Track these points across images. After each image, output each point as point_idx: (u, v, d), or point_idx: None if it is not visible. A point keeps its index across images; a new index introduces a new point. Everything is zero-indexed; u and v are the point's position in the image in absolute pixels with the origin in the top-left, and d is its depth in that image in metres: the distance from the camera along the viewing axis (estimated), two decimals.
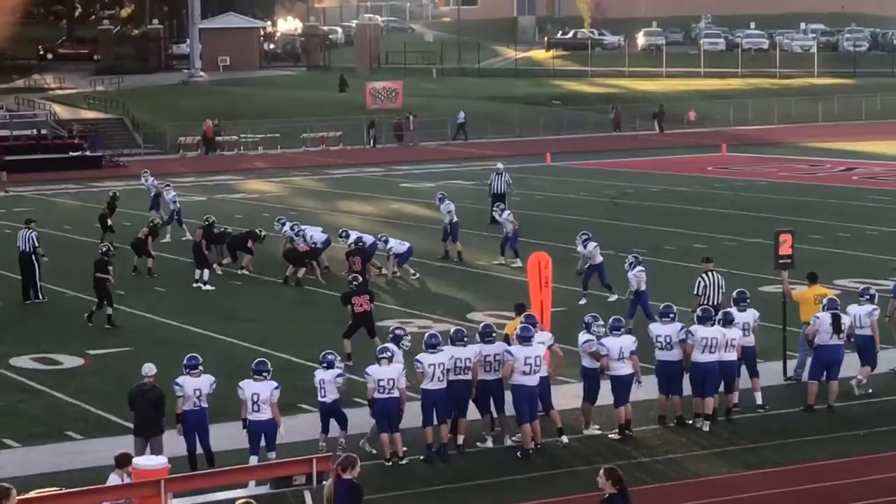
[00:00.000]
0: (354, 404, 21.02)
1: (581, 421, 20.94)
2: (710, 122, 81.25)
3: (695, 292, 24.82)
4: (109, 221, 40.20)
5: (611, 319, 21.00)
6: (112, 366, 25.46)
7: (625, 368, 20.62)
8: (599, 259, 30.58)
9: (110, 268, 29.65)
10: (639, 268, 27.37)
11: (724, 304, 23.58)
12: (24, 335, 28.73)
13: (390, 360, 19.60)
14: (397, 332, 20.79)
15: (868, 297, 22.89)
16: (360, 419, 20.18)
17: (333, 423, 19.88)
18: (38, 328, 29.50)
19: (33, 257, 32.41)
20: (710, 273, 25.06)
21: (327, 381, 19.57)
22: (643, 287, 27.25)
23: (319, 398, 19.68)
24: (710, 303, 23.96)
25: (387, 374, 19.48)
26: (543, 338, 20.58)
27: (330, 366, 19.73)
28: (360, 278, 27.13)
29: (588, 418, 20.95)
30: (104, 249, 30.41)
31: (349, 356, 24.40)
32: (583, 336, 20.86)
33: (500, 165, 44.40)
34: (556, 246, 36.44)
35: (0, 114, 72.35)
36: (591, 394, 20.91)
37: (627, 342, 20.72)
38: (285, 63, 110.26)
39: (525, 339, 19.97)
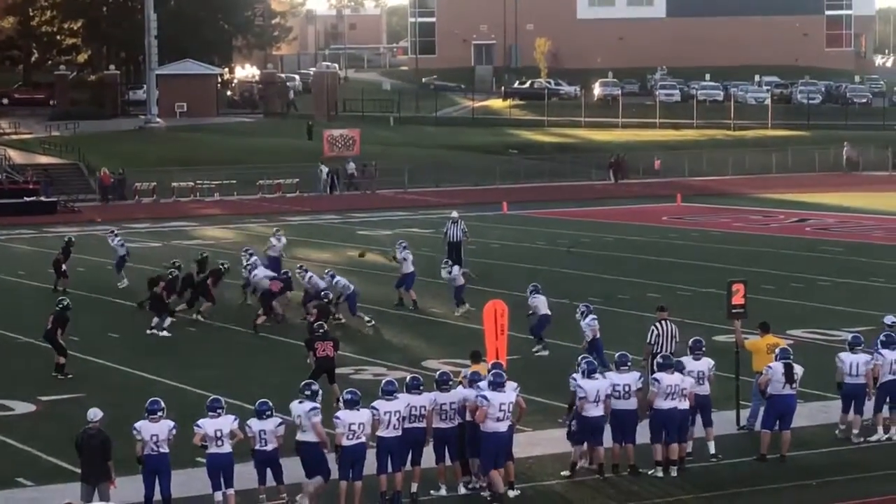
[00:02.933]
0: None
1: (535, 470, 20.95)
2: (666, 173, 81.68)
3: (647, 341, 24.86)
4: (64, 267, 40.02)
5: (584, 363, 21.06)
6: (64, 412, 25.26)
7: (597, 410, 20.73)
8: (544, 311, 30.59)
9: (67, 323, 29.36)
10: (591, 317, 27.30)
11: (679, 353, 23.65)
12: None
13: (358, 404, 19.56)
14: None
15: (861, 345, 23.04)
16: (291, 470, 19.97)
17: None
18: None
19: None
20: (663, 322, 25.11)
21: (268, 430, 19.43)
22: (597, 335, 27.30)
23: (258, 447, 19.50)
24: (664, 351, 23.99)
25: (357, 418, 19.44)
26: (510, 387, 20.53)
27: (268, 415, 19.53)
28: (325, 326, 27.07)
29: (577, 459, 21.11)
30: (65, 304, 29.85)
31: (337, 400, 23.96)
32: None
33: (455, 214, 44.44)
34: (512, 294, 36.49)
35: None
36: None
37: (604, 385, 20.82)
38: (242, 110, 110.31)
39: (498, 385, 19.98)
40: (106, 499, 18.14)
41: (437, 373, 20.91)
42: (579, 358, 21.42)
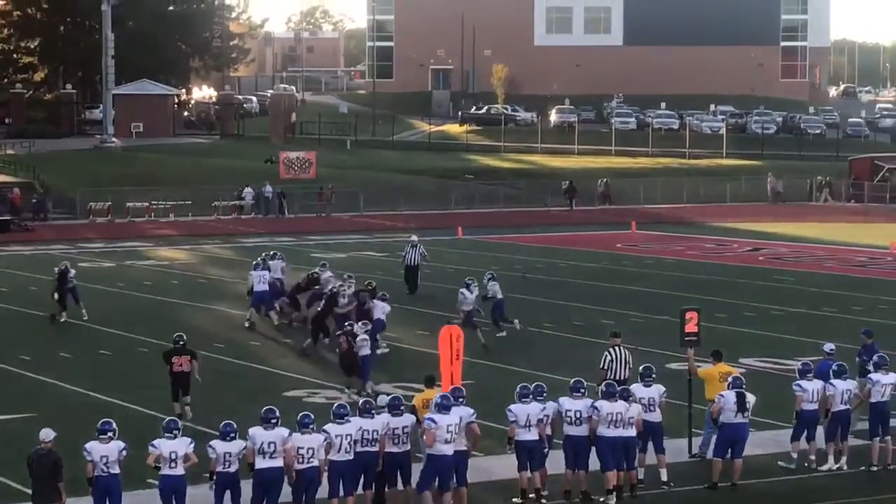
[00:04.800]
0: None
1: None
2: (620, 200, 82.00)
3: (601, 366, 24.95)
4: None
5: (518, 387, 21.17)
6: (15, 431, 25.13)
7: (530, 434, 20.80)
8: (500, 295, 34.52)
9: None
10: (493, 282, 32.63)
11: (632, 379, 23.74)
12: None
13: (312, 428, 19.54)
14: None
15: (811, 373, 23.26)
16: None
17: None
18: None
19: None
20: (616, 348, 25.19)
21: (233, 453, 19.37)
22: (499, 295, 32.61)
23: (220, 469, 19.45)
24: (617, 378, 24.06)
25: (308, 442, 19.42)
26: (464, 412, 20.55)
27: (232, 437, 19.46)
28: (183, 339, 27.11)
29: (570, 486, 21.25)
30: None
31: (179, 416, 24.77)
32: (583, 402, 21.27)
33: (414, 238, 44.56)
34: (523, 330, 36.39)
35: None
36: (577, 461, 21.19)
37: (535, 409, 20.90)
38: (199, 131, 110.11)
39: (444, 407, 20.04)
40: None
41: (389, 397, 20.93)
42: (573, 382, 21.64)
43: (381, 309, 33.32)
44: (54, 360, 32.17)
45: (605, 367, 24.77)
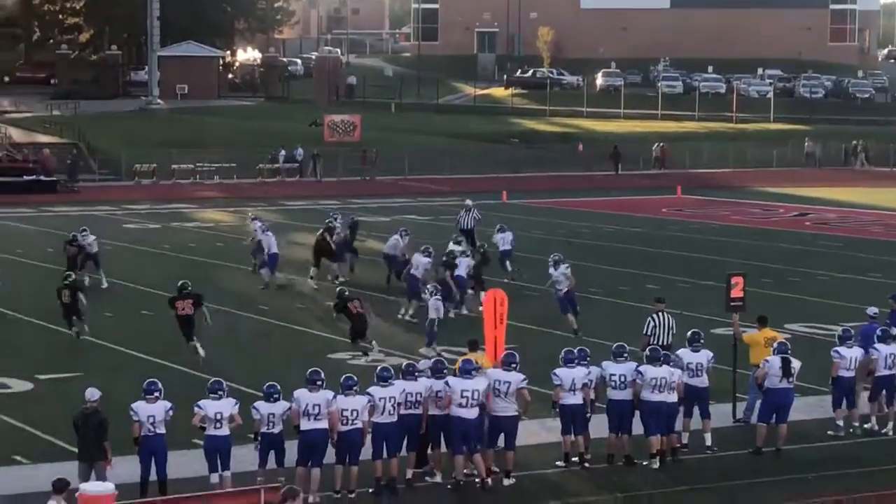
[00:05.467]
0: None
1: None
2: (666, 164, 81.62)
3: (644, 332, 24.91)
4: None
5: (563, 351, 21.18)
6: (61, 391, 25.29)
7: (574, 398, 20.77)
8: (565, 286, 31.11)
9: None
10: (564, 265, 30.45)
11: (676, 345, 23.67)
12: None
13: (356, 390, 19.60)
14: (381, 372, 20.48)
15: (851, 339, 23.17)
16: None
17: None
18: None
19: None
20: (660, 314, 25.13)
21: (277, 414, 19.43)
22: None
23: (265, 430, 19.50)
24: (660, 343, 24.00)
25: (351, 404, 19.46)
26: (515, 378, 20.53)
27: (276, 399, 19.51)
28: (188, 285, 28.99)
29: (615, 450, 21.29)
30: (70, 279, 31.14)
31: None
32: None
33: (468, 202, 44.75)
34: (510, 283, 36.59)
35: None
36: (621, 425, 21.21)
37: (580, 373, 20.89)
38: (243, 93, 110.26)
39: (465, 371, 20.08)
40: (102, 478, 18.17)
41: (433, 360, 20.97)
42: (615, 346, 21.68)
43: (423, 265, 33.37)
44: (99, 321, 32.28)
45: (649, 333, 24.73)
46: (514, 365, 20.62)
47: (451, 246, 35.91)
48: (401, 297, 33.94)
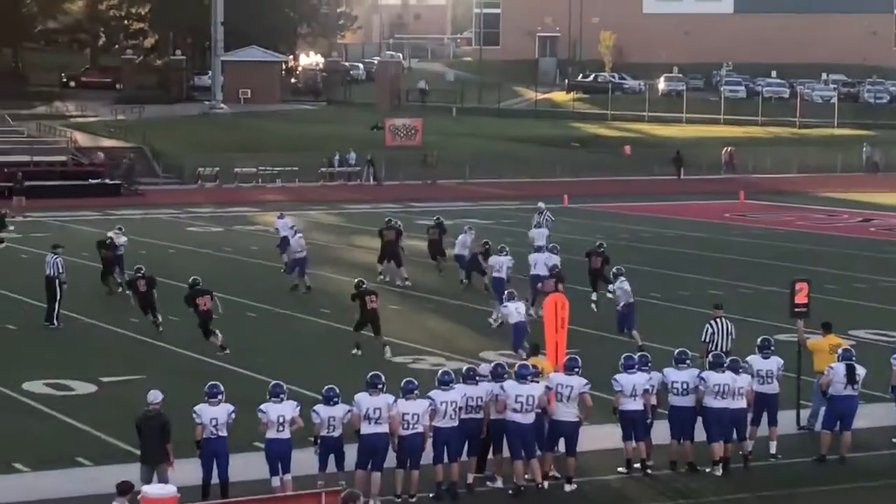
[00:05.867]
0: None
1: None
2: (730, 169, 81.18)
3: (702, 339, 24.77)
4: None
5: (623, 357, 21.11)
6: (124, 393, 25.42)
7: (635, 404, 20.71)
8: (623, 301, 30.30)
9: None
10: (622, 278, 29.82)
11: (735, 351, 23.51)
12: (37, 360, 28.76)
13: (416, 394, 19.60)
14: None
15: None
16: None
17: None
18: (52, 353, 29.53)
19: (57, 282, 32.57)
20: (718, 320, 25.00)
21: (337, 417, 19.43)
22: (631, 300, 29.13)
23: (325, 434, 19.51)
24: (719, 349, 23.85)
25: (412, 408, 19.45)
26: (577, 383, 20.47)
27: (335, 402, 19.52)
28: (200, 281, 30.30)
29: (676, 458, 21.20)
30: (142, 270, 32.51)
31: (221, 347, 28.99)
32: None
33: (541, 204, 45.03)
34: (571, 288, 36.40)
35: (21, 139, 72.76)
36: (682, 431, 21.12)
37: (641, 379, 20.80)
38: (306, 98, 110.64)
39: (521, 376, 20.04)
40: (164, 480, 18.24)
41: (493, 364, 20.95)
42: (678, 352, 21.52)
43: (505, 264, 33.55)
44: (163, 324, 32.43)
45: (707, 340, 24.63)
46: (576, 369, 20.56)
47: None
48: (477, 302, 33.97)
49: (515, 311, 28.71)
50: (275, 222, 43.47)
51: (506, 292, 30.05)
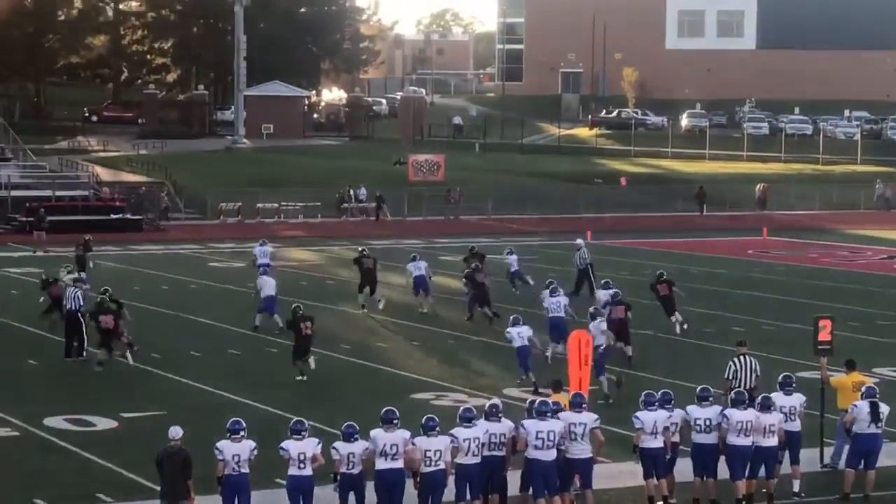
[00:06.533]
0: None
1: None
2: (751, 206, 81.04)
3: (725, 376, 24.61)
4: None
5: (644, 394, 20.98)
6: (145, 429, 25.38)
7: (656, 442, 20.59)
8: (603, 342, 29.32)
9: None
10: (600, 318, 29.25)
11: (761, 388, 23.35)
12: (58, 395, 28.77)
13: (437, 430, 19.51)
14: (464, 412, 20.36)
15: None
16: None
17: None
18: (73, 389, 29.53)
19: (79, 315, 32.60)
20: (742, 357, 24.85)
21: (356, 453, 19.33)
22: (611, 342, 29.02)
23: (345, 470, 19.40)
24: (743, 386, 23.68)
25: (434, 444, 19.36)
26: (588, 419, 20.37)
27: (355, 438, 19.42)
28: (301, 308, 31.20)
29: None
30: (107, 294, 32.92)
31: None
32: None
33: (579, 241, 45.34)
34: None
35: (43, 174, 73.06)
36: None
37: (662, 417, 20.67)
38: (328, 133, 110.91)
39: (541, 413, 19.94)
40: None
41: (488, 405, 20.71)
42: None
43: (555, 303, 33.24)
44: (184, 359, 32.47)
45: (730, 377, 24.42)
46: (583, 405, 20.44)
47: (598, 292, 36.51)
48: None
49: (518, 335, 29.21)
50: (254, 249, 43.78)
51: (511, 317, 30.32)
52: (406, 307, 39.94)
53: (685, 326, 36.32)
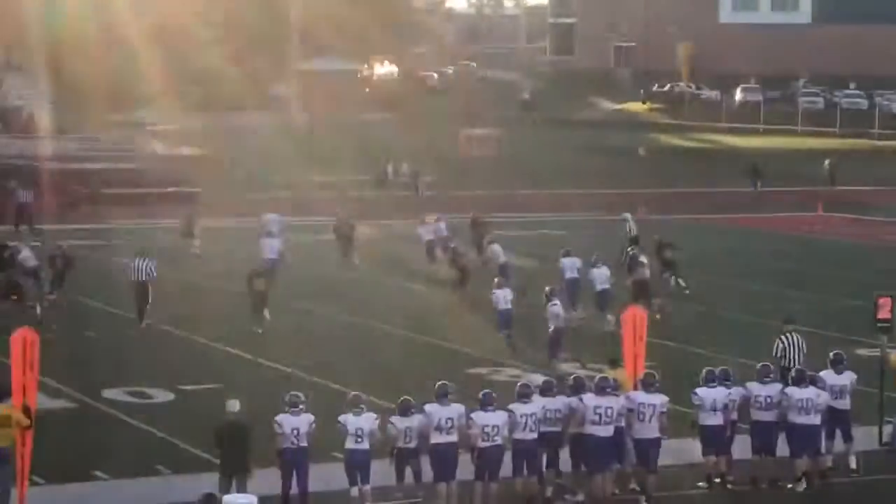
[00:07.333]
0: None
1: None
2: (806, 182, 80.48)
3: (774, 354, 24.54)
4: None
5: (704, 371, 20.93)
6: (203, 402, 25.51)
7: (715, 419, 20.50)
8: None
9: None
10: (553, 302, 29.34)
11: (809, 365, 23.30)
12: (117, 368, 28.93)
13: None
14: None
15: None
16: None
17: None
18: (131, 362, 29.68)
19: (149, 286, 33.10)
20: (789, 334, 24.76)
21: (413, 428, 19.39)
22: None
23: (401, 445, 19.39)
24: (791, 364, 23.63)
25: (492, 420, 19.39)
26: (658, 400, 20.32)
27: (412, 413, 19.48)
28: None
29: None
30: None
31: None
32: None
33: (626, 215, 45.37)
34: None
35: (99, 146, 73.46)
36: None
37: (721, 394, 20.62)
38: (380, 107, 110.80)
39: (601, 388, 19.94)
40: (244, 490, 18.28)
41: (572, 377, 20.87)
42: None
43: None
44: (245, 334, 32.46)
45: (779, 355, 24.38)
46: (654, 386, 20.41)
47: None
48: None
49: (503, 298, 30.85)
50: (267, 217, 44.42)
51: (496, 279, 32.18)
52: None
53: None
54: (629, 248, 39.35)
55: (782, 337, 24.68)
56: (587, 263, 35.05)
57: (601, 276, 34.05)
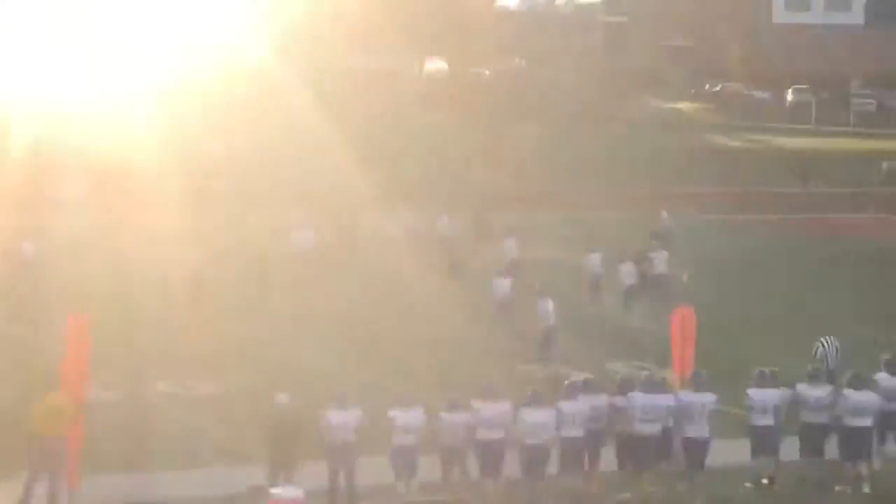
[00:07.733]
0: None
1: None
2: (858, 183, 79.96)
3: (814, 356, 24.50)
4: None
5: (756, 372, 20.92)
6: (251, 394, 25.49)
7: (765, 420, 20.40)
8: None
9: None
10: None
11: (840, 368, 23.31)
12: (163, 360, 28.98)
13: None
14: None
15: None
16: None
17: None
18: (177, 353, 29.71)
19: None
20: (828, 338, 24.75)
21: (458, 424, 19.45)
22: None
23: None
24: (828, 367, 23.63)
25: (539, 417, 19.44)
26: (708, 399, 20.26)
27: (459, 409, 19.51)
28: None
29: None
30: None
31: None
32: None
33: (664, 214, 45.53)
34: (698, 302, 35.90)
35: None
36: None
37: (773, 395, 20.54)
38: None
39: (649, 386, 19.95)
40: (291, 482, 18.34)
41: (618, 376, 20.89)
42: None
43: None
44: (285, 325, 32.48)
45: (819, 357, 24.34)
46: (703, 385, 20.37)
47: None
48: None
49: (500, 287, 32.33)
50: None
51: (495, 270, 33.39)
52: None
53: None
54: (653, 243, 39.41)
55: (822, 340, 24.71)
56: (613, 260, 35.26)
57: (628, 271, 34.49)
